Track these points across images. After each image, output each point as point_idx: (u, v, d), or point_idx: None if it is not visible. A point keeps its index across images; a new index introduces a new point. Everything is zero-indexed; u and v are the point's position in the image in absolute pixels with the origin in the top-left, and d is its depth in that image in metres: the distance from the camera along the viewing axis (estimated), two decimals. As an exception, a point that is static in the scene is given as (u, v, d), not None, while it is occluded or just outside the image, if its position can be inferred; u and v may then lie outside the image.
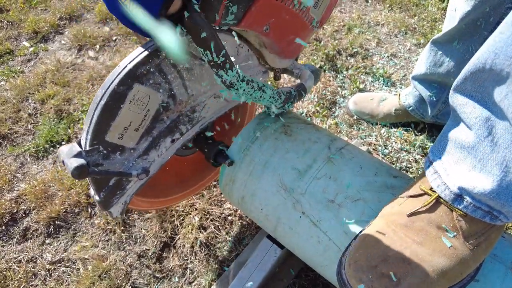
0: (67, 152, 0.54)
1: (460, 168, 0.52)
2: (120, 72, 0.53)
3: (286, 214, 0.69)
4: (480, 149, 0.49)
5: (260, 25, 0.58)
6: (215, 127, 0.95)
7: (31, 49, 1.76)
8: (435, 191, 0.54)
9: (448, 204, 0.53)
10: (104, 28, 1.90)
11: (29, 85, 1.54)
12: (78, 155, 0.54)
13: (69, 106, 1.45)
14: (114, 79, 0.53)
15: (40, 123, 1.40)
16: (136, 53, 0.54)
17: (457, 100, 0.53)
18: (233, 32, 0.63)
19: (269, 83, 0.97)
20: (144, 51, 0.54)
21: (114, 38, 1.83)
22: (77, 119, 1.40)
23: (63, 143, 1.33)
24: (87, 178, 0.58)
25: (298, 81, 0.80)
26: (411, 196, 0.57)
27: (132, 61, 0.53)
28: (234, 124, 1.02)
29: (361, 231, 0.59)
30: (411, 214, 0.54)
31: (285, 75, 1.53)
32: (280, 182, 0.69)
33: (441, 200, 0.53)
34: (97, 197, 0.62)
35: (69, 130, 1.36)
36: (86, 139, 0.55)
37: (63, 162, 0.54)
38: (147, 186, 0.75)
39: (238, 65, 0.69)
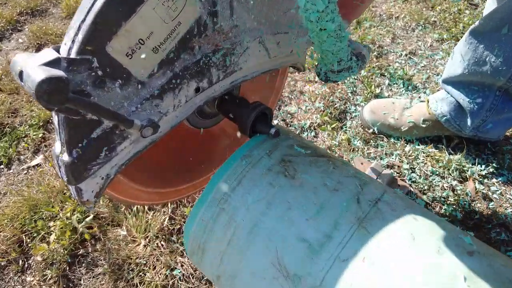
0: (34, 58, 0.31)
1: None
2: None
3: (288, 313, 0.41)
4: None
5: None
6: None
7: (-21, 48, 1.48)
8: None
9: None
10: (68, 24, 1.62)
11: (-32, 92, 1.25)
12: (54, 62, 0.32)
13: (15, 119, 1.17)
14: None
15: (-25, 140, 1.11)
16: None
17: None
18: None
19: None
20: None
21: (80, 35, 1.55)
22: (23, 136, 1.12)
23: (1, 167, 1.04)
24: (56, 117, 0.36)
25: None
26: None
27: None
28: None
29: None
30: None
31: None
32: (277, 263, 0.41)
33: None
34: (66, 157, 0.37)
35: (10, 150, 1.07)
36: (73, 41, 0.33)
37: (20, 74, 0.30)
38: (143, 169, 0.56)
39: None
